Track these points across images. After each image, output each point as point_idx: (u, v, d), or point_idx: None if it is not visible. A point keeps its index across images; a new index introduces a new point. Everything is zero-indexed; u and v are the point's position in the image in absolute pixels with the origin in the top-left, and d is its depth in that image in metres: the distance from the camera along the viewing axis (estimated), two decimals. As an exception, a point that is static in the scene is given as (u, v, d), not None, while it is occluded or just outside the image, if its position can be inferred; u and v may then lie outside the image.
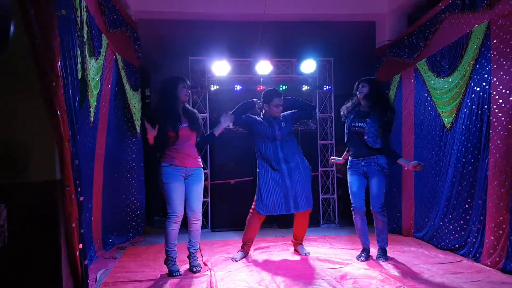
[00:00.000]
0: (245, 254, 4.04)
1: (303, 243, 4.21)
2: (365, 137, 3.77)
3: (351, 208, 3.93)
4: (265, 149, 3.93)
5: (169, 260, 3.50)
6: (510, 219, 3.38)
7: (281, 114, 4.00)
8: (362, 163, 3.85)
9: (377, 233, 3.90)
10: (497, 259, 3.47)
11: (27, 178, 2.33)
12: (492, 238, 3.56)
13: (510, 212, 3.38)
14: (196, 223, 3.58)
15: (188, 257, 3.65)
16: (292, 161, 3.92)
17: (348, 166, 3.99)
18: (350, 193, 3.95)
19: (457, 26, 4.14)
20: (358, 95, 3.91)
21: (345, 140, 4.02)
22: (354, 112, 3.96)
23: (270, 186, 3.88)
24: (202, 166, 3.68)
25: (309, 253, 4.07)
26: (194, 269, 3.55)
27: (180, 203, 3.47)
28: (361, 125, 3.83)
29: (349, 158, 3.99)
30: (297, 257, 4.02)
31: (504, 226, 3.44)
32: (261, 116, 4.04)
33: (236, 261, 3.86)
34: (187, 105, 3.65)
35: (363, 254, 3.91)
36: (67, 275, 2.42)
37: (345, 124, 4.00)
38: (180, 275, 3.43)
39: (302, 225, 4.09)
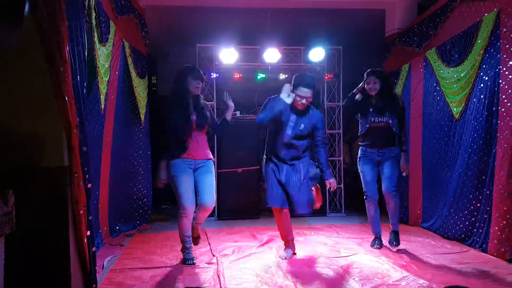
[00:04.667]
0: (292, 250, 3.70)
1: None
2: (393, 129, 3.81)
3: (364, 197, 3.93)
4: (277, 139, 3.56)
5: (185, 249, 3.51)
6: None
7: (311, 112, 3.56)
8: (377, 152, 3.86)
9: (390, 215, 3.93)
10: (503, 249, 3.47)
11: (35, 165, 2.33)
12: (497, 228, 3.55)
13: None
14: (206, 213, 3.52)
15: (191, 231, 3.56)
16: (299, 161, 3.56)
17: (360, 155, 3.97)
18: (363, 182, 3.94)
19: (467, 14, 4.07)
20: (369, 91, 3.83)
21: (361, 132, 3.95)
22: (369, 106, 3.87)
23: (274, 178, 3.55)
24: (212, 158, 3.59)
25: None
26: (194, 242, 3.63)
27: (189, 197, 3.38)
28: (383, 120, 3.81)
29: (361, 147, 3.97)
30: (303, 245, 4.02)
31: (508, 216, 3.43)
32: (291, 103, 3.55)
33: (286, 258, 3.56)
34: (200, 98, 3.51)
35: (376, 242, 3.97)
36: (75, 262, 2.43)
37: (361, 119, 3.95)
38: (193, 263, 3.44)
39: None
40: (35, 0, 2.16)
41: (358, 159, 4.01)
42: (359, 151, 4.01)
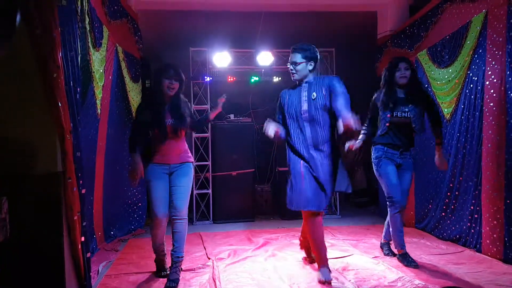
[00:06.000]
0: (329, 269, 3.10)
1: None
2: (413, 125, 3.38)
3: (389, 203, 3.46)
4: (292, 131, 3.09)
5: (159, 261, 3.32)
6: (504, 209, 3.40)
7: (314, 78, 3.06)
8: (399, 154, 3.45)
9: (394, 233, 3.52)
10: (495, 249, 3.50)
11: (29, 171, 2.32)
12: (488, 228, 3.59)
13: (504, 202, 3.41)
14: (180, 223, 3.07)
15: (170, 267, 3.13)
16: (323, 149, 3.01)
17: (378, 155, 3.49)
18: (387, 185, 3.46)
19: (457, 16, 4.12)
20: (398, 80, 3.40)
21: (381, 132, 3.47)
22: (393, 100, 3.42)
23: (298, 177, 3.01)
24: (191, 160, 3.26)
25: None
26: (170, 285, 3.00)
27: (162, 203, 3.10)
28: (405, 115, 3.39)
29: (379, 146, 3.50)
30: (298, 248, 4.03)
31: (498, 216, 3.47)
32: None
33: (328, 281, 2.99)
34: (179, 97, 3.21)
35: (410, 259, 3.42)
36: (69, 268, 2.42)
37: (382, 116, 3.47)
38: (167, 275, 3.14)
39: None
40: (27, 6, 2.16)
41: (376, 160, 3.51)
42: (374, 151, 3.54)
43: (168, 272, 3.14)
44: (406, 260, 3.41)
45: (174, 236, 3.09)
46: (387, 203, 3.50)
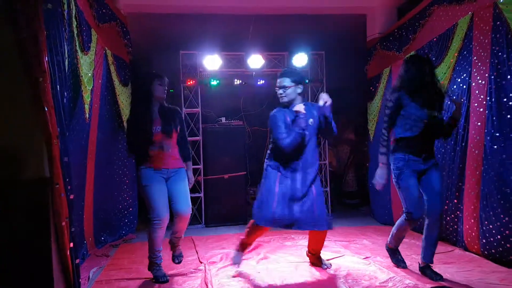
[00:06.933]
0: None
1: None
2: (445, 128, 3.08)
3: (405, 217, 3.13)
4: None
5: (154, 266, 3.22)
6: (480, 208, 3.45)
7: (303, 106, 3.09)
8: (422, 160, 3.06)
9: (427, 245, 3.13)
10: (476, 247, 3.56)
11: (15, 176, 2.30)
12: (467, 226, 3.66)
13: (480, 201, 3.46)
14: (184, 222, 3.26)
15: (172, 247, 3.40)
16: (310, 172, 3.16)
17: (399, 165, 3.07)
18: (407, 200, 3.08)
19: (444, 18, 4.16)
20: (419, 80, 3.02)
21: (411, 134, 3.04)
22: (416, 99, 3.03)
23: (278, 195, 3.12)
24: (183, 166, 3.33)
25: (330, 265, 3.46)
26: (176, 260, 3.40)
27: (164, 206, 3.13)
28: (440, 115, 3.09)
29: (400, 155, 3.08)
30: (292, 250, 4.03)
31: (475, 214, 3.53)
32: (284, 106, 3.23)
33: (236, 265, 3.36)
34: (165, 104, 3.25)
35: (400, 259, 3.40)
36: (58, 275, 2.40)
37: (413, 112, 3.02)
38: (167, 281, 3.18)
39: (319, 241, 3.41)
40: (12, 10, 2.14)
41: (397, 172, 3.09)
42: (395, 161, 3.10)
43: (168, 279, 3.19)
44: (397, 260, 3.42)
45: (177, 227, 3.27)
46: (404, 216, 3.14)
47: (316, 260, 3.49)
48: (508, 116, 3.25)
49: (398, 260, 3.39)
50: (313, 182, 3.17)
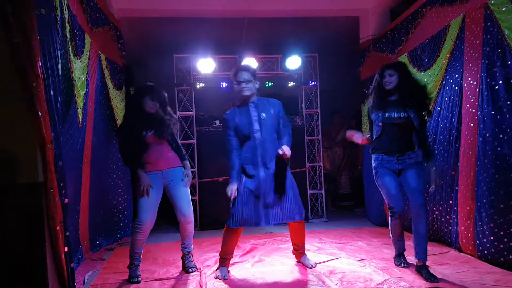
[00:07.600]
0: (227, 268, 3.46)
1: (306, 252, 3.63)
2: (414, 123, 3.18)
3: (390, 213, 3.35)
4: (243, 148, 3.32)
5: (132, 266, 3.33)
6: (476, 209, 3.47)
7: (258, 99, 3.33)
8: (396, 160, 3.25)
9: (416, 242, 3.24)
10: (471, 248, 3.58)
11: (9, 181, 2.29)
12: (463, 228, 3.67)
13: (475, 202, 3.48)
14: (189, 226, 3.46)
15: (182, 258, 3.60)
16: (272, 165, 3.26)
17: (375, 165, 3.34)
18: (387, 196, 3.31)
19: (436, 20, 4.19)
20: (385, 86, 3.28)
21: (376, 136, 3.32)
22: (384, 102, 3.30)
23: (242, 195, 3.27)
24: (181, 165, 3.43)
25: (315, 264, 3.53)
26: (190, 270, 3.50)
27: (148, 212, 3.22)
28: (399, 115, 3.21)
29: (375, 155, 3.35)
30: (287, 253, 4.03)
31: (471, 215, 3.54)
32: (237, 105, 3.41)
33: (225, 279, 3.27)
34: (157, 112, 3.32)
35: (402, 260, 3.50)
36: (53, 279, 2.38)
37: (374, 118, 3.34)
38: (138, 282, 3.24)
39: (297, 232, 3.50)
40: (5, 15, 2.14)
41: (374, 171, 3.36)
42: (373, 161, 3.38)
43: (139, 280, 3.28)
44: (398, 260, 3.51)
45: (185, 236, 3.48)
46: (390, 213, 3.36)
47: (300, 257, 3.58)
48: (498, 116, 3.28)
49: (400, 261, 3.49)
50: (280, 175, 3.26)
